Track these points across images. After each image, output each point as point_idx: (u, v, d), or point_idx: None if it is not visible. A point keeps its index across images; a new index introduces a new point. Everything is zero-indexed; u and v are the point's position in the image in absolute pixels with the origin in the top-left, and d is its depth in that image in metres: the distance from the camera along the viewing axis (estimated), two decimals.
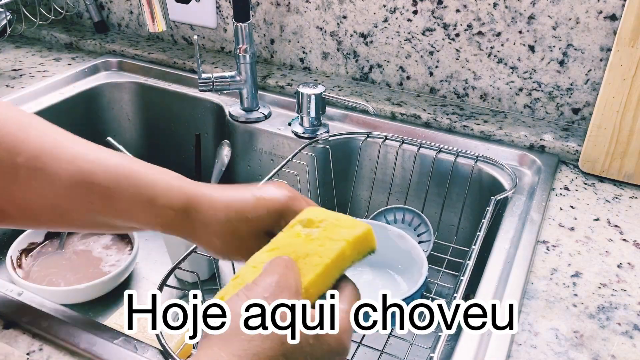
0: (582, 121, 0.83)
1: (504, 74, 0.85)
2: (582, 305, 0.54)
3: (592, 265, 0.60)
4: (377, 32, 0.90)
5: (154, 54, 1.05)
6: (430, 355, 0.45)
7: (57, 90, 0.97)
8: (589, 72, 0.80)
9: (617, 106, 0.71)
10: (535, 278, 0.58)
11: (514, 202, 0.69)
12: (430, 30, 0.86)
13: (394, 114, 0.87)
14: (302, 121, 0.85)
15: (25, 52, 1.11)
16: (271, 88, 0.96)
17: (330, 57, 0.96)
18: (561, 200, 0.70)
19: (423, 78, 0.91)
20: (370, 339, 0.60)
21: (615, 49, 0.69)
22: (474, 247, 0.58)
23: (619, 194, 0.72)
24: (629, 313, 0.54)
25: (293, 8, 0.95)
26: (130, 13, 1.13)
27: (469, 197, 0.77)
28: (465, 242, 0.78)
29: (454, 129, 0.84)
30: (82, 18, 1.19)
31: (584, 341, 0.51)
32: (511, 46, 0.82)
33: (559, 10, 0.77)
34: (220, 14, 1.02)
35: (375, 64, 0.93)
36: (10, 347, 0.50)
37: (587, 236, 0.64)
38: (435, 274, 0.75)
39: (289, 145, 0.86)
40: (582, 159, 0.75)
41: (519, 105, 0.86)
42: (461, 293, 0.52)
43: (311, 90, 0.81)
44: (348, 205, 0.88)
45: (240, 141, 0.91)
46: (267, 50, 1.01)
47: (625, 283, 0.57)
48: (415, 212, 0.76)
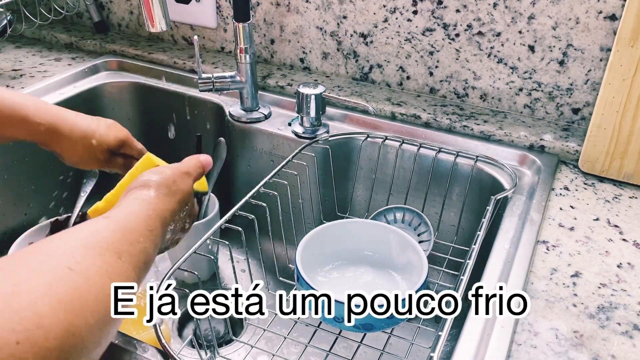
0: (582, 121, 0.83)
1: (504, 74, 0.85)
2: (582, 305, 0.55)
3: (592, 265, 0.60)
4: (377, 32, 0.90)
5: (154, 54, 1.05)
6: (430, 355, 0.45)
7: (57, 91, 0.97)
8: (589, 72, 0.80)
9: (617, 106, 0.71)
10: (535, 278, 0.58)
11: (514, 202, 0.69)
12: (430, 30, 0.86)
13: (394, 114, 0.88)
14: (302, 121, 0.85)
15: (26, 52, 1.11)
16: (271, 88, 0.96)
17: (330, 57, 0.96)
18: (561, 200, 0.70)
19: (423, 78, 0.91)
20: (370, 338, 0.60)
21: (615, 49, 0.69)
22: (474, 247, 0.58)
23: (618, 194, 0.72)
24: (629, 313, 0.54)
25: (293, 8, 0.95)
26: (130, 13, 1.13)
27: (469, 197, 0.77)
28: (465, 241, 0.78)
29: (454, 129, 0.84)
30: (82, 18, 1.19)
31: (583, 341, 0.51)
32: (511, 46, 0.82)
33: (559, 10, 0.77)
34: (220, 14, 1.02)
35: (375, 64, 0.93)
36: None
37: (587, 236, 0.64)
38: (436, 274, 0.75)
39: (289, 145, 0.86)
40: (582, 159, 0.75)
41: (519, 105, 0.86)
42: (461, 292, 0.52)
43: (311, 90, 0.81)
44: (348, 205, 0.88)
45: (240, 141, 0.91)
46: (267, 50, 1.01)
47: (625, 283, 0.57)
48: (416, 211, 0.76)
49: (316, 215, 0.87)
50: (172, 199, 0.50)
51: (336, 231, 0.65)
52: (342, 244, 0.65)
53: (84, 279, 0.35)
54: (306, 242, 0.61)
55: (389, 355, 0.59)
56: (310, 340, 0.60)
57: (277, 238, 0.78)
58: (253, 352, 0.59)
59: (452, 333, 0.61)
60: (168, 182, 0.50)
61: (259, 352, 0.74)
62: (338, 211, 0.86)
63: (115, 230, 0.42)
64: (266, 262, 0.91)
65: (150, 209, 0.47)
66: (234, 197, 0.96)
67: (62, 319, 0.32)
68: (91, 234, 0.40)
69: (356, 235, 0.66)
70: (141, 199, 0.48)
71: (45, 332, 0.30)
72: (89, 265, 0.37)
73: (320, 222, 0.81)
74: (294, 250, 0.61)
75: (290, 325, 0.64)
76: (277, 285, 0.84)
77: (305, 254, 0.60)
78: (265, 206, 0.65)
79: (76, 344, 0.32)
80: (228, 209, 0.64)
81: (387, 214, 0.77)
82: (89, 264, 0.37)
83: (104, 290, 0.36)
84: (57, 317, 0.32)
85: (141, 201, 0.47)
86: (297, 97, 0.83)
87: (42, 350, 0.30)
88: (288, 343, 0.73)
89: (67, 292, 0.33)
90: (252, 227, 0.64)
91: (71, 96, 0.97)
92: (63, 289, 0.33)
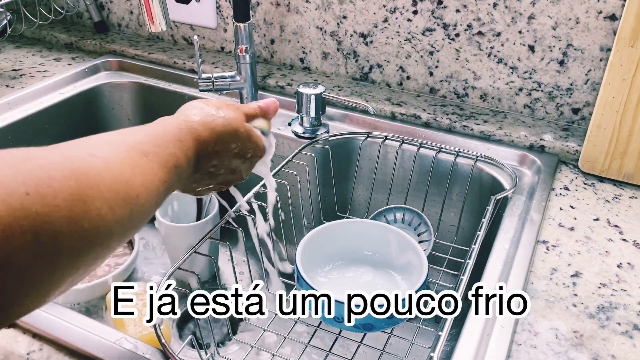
0: (582, 121, 0.83)
1: (503, 74, 0.85)
2: (582, 305, 0.54)
3: (592, 265, 0.60)
4: (377, 32, 0.90)
5: (154, 54, 1.05)
6: (430, 355, 0.45)
7: (57, 90, 0.97)
8: (588, 72, 0.80)
9: (617, 106, 0.71)
10: (535, 278, 0.58)
11: (514, 202, 0.69)
12: (430, 30, 0.86)
13: (394, 114, 0.87)
14: (302, 121, 0.85)
15: (26, 52, 1.11)
16: (271, 88, 0.96)
17: (330, 57, 0.96)
18: (561, 200, 0.70)
19: (423, 78, 0.91)
20: (370, 338, 0.60)
21: (615, 49, 0.69)
22: (474, 247, 0.58)
23: (618, 194, 0.72)
24: (629, 313, 0.54)
25: (293, 8, 0.95)
26: (130, 13, 1.13)
27: (469, 196, 0.77)
28: (465, 241, 0.78)
29: (453, 129, 0.84)
30: (82, 18, 1.19)
31: (583, 341, 0.51)
32: (511, 46, 0.82)
33: (559, 10, 0.77)
34: (220, 14, 1.02)
35: (375, 64, 0.93)
36: (10, 347, 0.50)
37: (587, 236, 0.64)
38: (436, 274, 0.75)
39: (289, 145, 0.86)
40: (582, 159, 0.75)
41: (519, 105, 0.86)
42: (461, 292, 0.52)
43: (311, 90, 0.81)
44: (348, 205, 0.88)
45: None
46: (267, 50, 1.01)
47: (625, 283, 0.57)
48: (416, 211, 0.76)
49: (316, 215, 0.87)
50: (210, 123, 0.49)
51: (336, 231, 0.65)
52: (342, 244, 0.65)
53: (104, 162, 0.36)
54: (306, 242, 0.61)
55: (389, 355, 0.59)
56: (310, 340, 0.60)
57: (277, 238, 0.78)
58: (253, 352, 0.59)
59: (452, 333, 0.61)
60: (208, 107, 0.50)
61: (259, 352, 0.74)
62: (338, 211, 0.86)
63: (143, 134, 0.42)
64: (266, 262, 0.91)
65: (182, 123, 0.46)
66: (234, 197, 0.95)
67: (72, 186, 0.32)
68: (117, 134, 0.41)
69: (356, 235, 0.66)
70: (175, 116, 0.48)
71: (54, 191, 0.31)
72: (111, 154, 0.37)
73: (320, 222, 0.81)
74: (294, 250, 0.61)
75: (290, 325, 0.64)
76: (277, 285, 0.84)
77: (305, 254, 0.60)
78: (265, 206, 0.65)
79: (88, 211, 0.33)
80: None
81: (387, 214, 0.77)
82: (111, 153, 0.38)
83: (123, 174, 0.37)
84: (68, 183, 0.32)
85: (175, 117, 0.48)
86: (297, 97, 0.83)
87: (50, 206, 0.30)
88: (288, 343, 0.73)
89: (82, 167, 0.34)
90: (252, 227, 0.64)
91: (71, 96, 0.97)
92: (79, 164, 0.34)
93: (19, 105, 0.91)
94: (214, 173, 0.51)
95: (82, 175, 0.33)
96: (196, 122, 0.48)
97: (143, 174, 0.39)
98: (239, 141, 0.51)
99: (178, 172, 0.44)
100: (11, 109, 0.90)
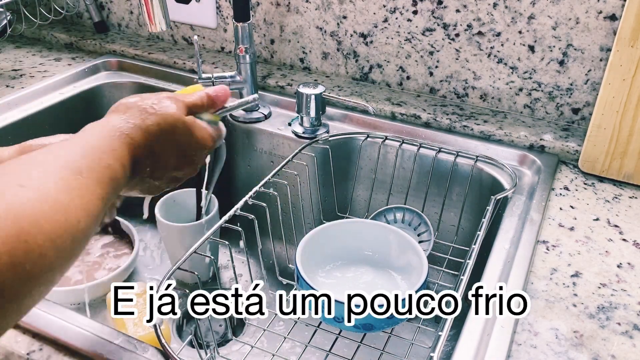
0: (582, 121, 0.83)
1: (503, 74, 0.85)
2: (582, 305, 0.54)
3: (592, 265, 0.60)
4: (377, 32, 0.90)
5: (154, 54, 1.05)
6: (431, 355, 0.45)
7: (57, 90, 0.97)
8: (588, 72, 0.80)
9: (617, 106, 0.71)
10: (535, 278, 0.58)
11: (514, 202, 0.69)
12: (430, 30, 0.86)
13: (394, 114, 0.87)
14: (302, 121, 0.85)
15: (26, 52, 1.11)
16: (271, 88, 0.96)
17: (330, 57, 0.96)
18: (561, 200, 0.70)
19: (423, 78, 0.91)
20: (370, 338, 0.60)
21: (615, 49, 0.69)
22: (474, 247, 0.58)
23: (618, 194, 0.72)
24: (629, 313, 0.54)
25: (293, 8, 0.95)
26: (130, 13, 1.13)
27: (469, 196, 0.77)
28: (465, 241, 0.78)
29: (454, 129, 0.84)
30: (82, 18, 1.19)
31: (583, 341, 0.51)
32: (511, 46, 0.82)
33: (559, 10, 0.77)
34: (220, 14, 1.02)
35: (375, 64, 0.93)
36: (10, 347, 0.50)
37: (587, 236, 0.64)
38: (436, 274, 0.75)
39: (289, 145, 0.86)
40: (582, 159, 0.75)
41: (519, 105, 0.86)
42: (461, 292, 0.52)
43: (311, 90, 0.81)
44: (348, 205, 0.88)
45: (240, 141, 0.91)
46: (267, 50, 1.01)
47: (625, 283, 0.57)
48: (416, 211, 0.76)
49: (316, 215, 0.87)
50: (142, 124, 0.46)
51: (336, 231, 0.65)
52: (342, 244, 0.65)
53: (37, 193, 0.33)
54: (306, 242, 0.61)
55: (389, 355, 0.59)
56: (310, 340, 0.60)
57: (277, 238, 0.78)
58: (253, 352, 0.59)
59: (452, 333, 0.61)
60: (141, 105, 0.47)
61: (259, 352, 0.74)
62: (338, 211, 0.86)
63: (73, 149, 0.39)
64: (266, 262, 0.91)
65: (113, 130, 0.44)
66: (234, 197, 0.96)
67: (9, 225, 0.30)
68: (45, 153, 0.38)
69: (356, 235, 0.66)
70: (105, 120, 0.45)
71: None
72: (43, 181, 0.35)
73: (320, 222, 0.80)
74: (294, 250, 0.61)
75: (290, 325, 0.64)
76: (277, 285, 0.84)
77: (305, 254, 0.60)
78: (265, 206, 0.65)
79: (31, 250, 0.31)
80: (228, 209, 0.64)
81: (387, 214, 0.77)
82: (42, 180, 0.35)
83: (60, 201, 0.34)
84: (5, 222, 0.30)
85: (105, 122, 0.45)
86: (297, 97, 0.83)
87: None
88: (288, 343, 0.73)
89: (15, 202, 0.31)
90: (252, 227, 0.64)
91: (71, 96, 0.97)
92: (12, 199, 0.32)
93: (19, 105, 0.91)
94: (155, 175, 0.49)
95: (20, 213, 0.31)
96: (128, 127, 0.45)
97: (80, 195, 0.36)
98: (178, 137, 0.49)
99: (114, 185, 0.41)
100: (11, 109, 0.90)
